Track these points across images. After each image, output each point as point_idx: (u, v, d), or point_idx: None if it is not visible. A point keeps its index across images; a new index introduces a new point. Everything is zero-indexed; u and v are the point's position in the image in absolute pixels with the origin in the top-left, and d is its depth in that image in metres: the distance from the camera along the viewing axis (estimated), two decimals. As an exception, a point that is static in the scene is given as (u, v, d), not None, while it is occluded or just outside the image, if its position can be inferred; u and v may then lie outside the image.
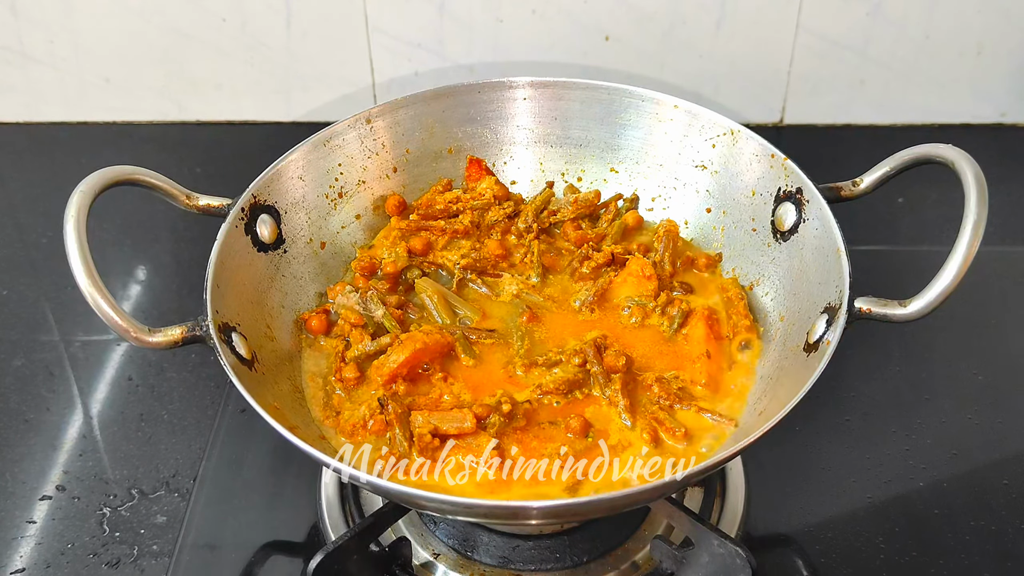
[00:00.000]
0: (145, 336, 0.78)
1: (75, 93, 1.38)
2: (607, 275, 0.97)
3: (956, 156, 0.80)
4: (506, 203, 1.04)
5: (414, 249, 1.00)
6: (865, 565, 0.88)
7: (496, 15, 1.28)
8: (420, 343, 0.88)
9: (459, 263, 0.98)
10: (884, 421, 1.00)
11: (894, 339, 1.06)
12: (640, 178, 1.06)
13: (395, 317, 0.93)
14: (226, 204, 0.91)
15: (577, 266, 0.99)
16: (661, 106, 1.03)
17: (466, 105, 1.06)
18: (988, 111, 1.36)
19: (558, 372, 0.88)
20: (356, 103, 1.35)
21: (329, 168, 1.01)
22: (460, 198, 1.04)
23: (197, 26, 1.30)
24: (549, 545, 0.89)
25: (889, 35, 1.29)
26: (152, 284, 1.19)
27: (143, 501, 0.95)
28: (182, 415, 1.02)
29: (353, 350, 0.90)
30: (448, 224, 1.02)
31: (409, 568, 0.88)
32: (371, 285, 0.96)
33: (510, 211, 1.03)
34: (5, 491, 0.96)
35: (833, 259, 0.85)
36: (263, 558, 0.90)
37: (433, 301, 0.95)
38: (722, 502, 0.92)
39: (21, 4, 1.29)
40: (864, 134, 1.37)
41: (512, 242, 1.02)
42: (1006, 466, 0.96)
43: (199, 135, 1.40)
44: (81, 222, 0.78)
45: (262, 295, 0.93)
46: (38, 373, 1.08)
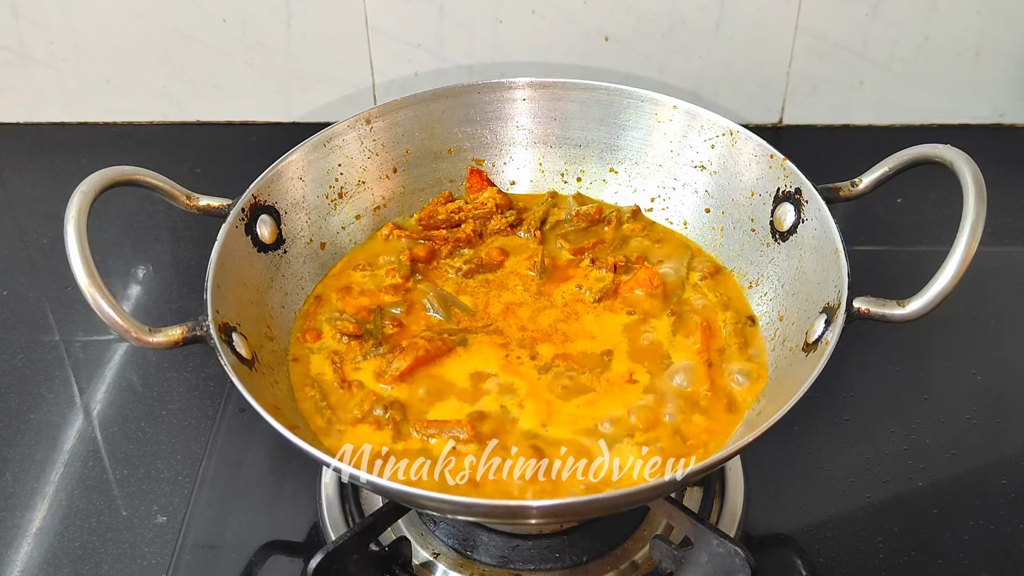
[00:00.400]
0: (145, 336, 0.78)
1: (75, 93, 1.38)
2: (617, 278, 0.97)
3: (955, 156, 0.80)
4: (508, 212, 1.04)
5: (417, 256, 1.01)
6: (864, 565, 0.88)
7: (496, 16, 1.28)
8: (422, 350, 0.88)
9: (461, 268, 0.99)
10: (883, 421, 1.00)
11: (893, 339, 1.06)
12: (639, 178, 1.06)
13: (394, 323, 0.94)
14: (226, 204, 0.91)
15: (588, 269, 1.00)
16: (660, 107, 1.03)
17: (466, 106, 1.07)
18: (987, 111, 1.36)
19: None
20: (356, 104, 1.35)
21: (329, 168, 1.02)
22: (462, 208, 1.04)
23: (197, 26, 1.30)
24: (549, 545, 0.89)
25: (888, 36, 1.29)
26: (152, 284, 1.19)
27: (143, 501, 0.95)
28: (182, 415, 1.03)
29: (349, 363, 0.91)
30: (450, 233, 1.02)
31: (409, 568, 0.88)
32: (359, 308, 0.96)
33: (512, 219, 1.04)
34: (5, 491, 0.96)
35: (832, 259, 0.85)
36: (263, 558, 0.90)
37: (434, 305, 0.95)
38: (721, 502, 0.92)
39: (21, 4, 1.30)
40: (863, 134, 1.37)
41: (515, 242, 1.03)
42: (1005, 466, 0.96)
43: (199, 135, 1.40)
44: (81, 222, 0.78)
45: (262, 295, 0.93)
46: (38, 373, 1.08)
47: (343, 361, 0.91)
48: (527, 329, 0.94)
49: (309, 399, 0.88)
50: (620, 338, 0.93)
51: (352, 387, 0.89)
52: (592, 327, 0.94)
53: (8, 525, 0.93)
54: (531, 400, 0.87)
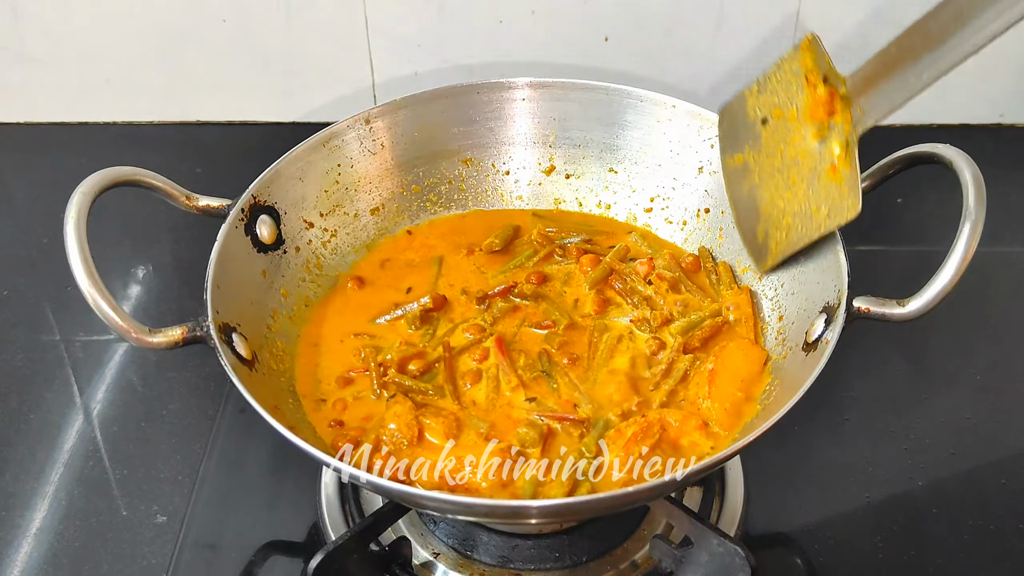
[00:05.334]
0: (146, 336, 0.78)
1: (75, 93, 1.38)
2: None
3: (955, 156, 0.81)
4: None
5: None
6: (864, 564, 0.88)
7: (496, 16, 1.28)
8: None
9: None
10: (883, 421, 1.00)
11: (893, 339, 1.06)
12: (639, 178, 1.06)
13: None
14: (226, 205, 0.91)
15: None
16: (660, 107, 1.03)
17: (465, 106, 1.07)
18: (987, 111, 1.36)
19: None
20: (356, 103, 1.35)
21: (329, 168, 1.02)
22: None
23: (197, 26, 1.30)
24: (549, 544, 0.89)
25: (888, 36, 1.28)
26: (152, 284, 1.19)
27: (143, 501, 0.95)
28: (182, 415, 1.03)
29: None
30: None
31: (409, 568, 0.88)
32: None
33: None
34: (5, 491, 0.96)
35: (832, 259, 0.85)
36: (263, 558, 0.90)
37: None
38: (721, 501, 0.92)
39: (21, 4, 1.30)
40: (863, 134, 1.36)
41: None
42: (1005, 466, 0.96)
43: (199, 135, 1.40)
44: (81, 223, 0.78)
45: (262, 295, 0.93)
46: (38, 373, 1.08)
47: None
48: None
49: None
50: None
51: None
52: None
53: (8, 525, 0.93)
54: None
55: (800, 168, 0.89)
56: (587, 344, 0.92)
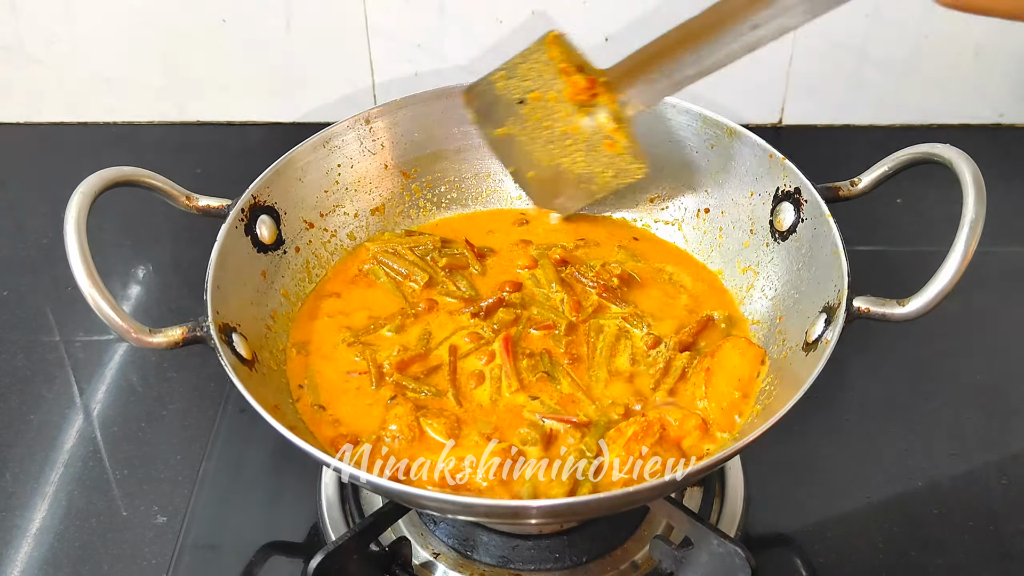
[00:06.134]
0: (146, 336, 0.78)
1: (75, 93, 1.38)
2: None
3: (954, 156, 0.81)
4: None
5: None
6: (864, 565, 0.88)
7: (496, 16, 1.28)
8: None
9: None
10: (883, 421, 1.00)
11: (892, 339, 1.06)
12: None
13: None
14: (226, 205, 0.91)
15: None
16: (659, 106, 1.03)
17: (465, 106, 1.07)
18: (986, 111, 1.36)
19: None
20: (356, 103, 1.35)
21: (329, 168, 1.02)
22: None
23: (197, 26, 1.30)
24: (549, 545, 0.89)
25: (888, 36, 1.29)
26: (152, 284, 1.19)
27: (143, 501, 0.95)
28: (182, 415, 1.03)
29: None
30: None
31: (409, 568, 0.88)
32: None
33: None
34: (5, 491, 0.96)
35: (831, 259, 0.85)
36: (263, 558, 0.90)
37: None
38: (721, 502, 0.92)
39: (21, 4, 1.30)
40: (862, 134, 1.37)
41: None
42: (1005, 466, 0.96)
43: (199, 135, 1.40)
44: (81, 223, 0.78)
45: (262, 295, 0.93)
46: (38, 373, 1.08)
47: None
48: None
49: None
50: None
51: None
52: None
53: (8, 525, 0.93)
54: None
55: (575, 140, 0.99)
56: (586, 344, 0.92)
